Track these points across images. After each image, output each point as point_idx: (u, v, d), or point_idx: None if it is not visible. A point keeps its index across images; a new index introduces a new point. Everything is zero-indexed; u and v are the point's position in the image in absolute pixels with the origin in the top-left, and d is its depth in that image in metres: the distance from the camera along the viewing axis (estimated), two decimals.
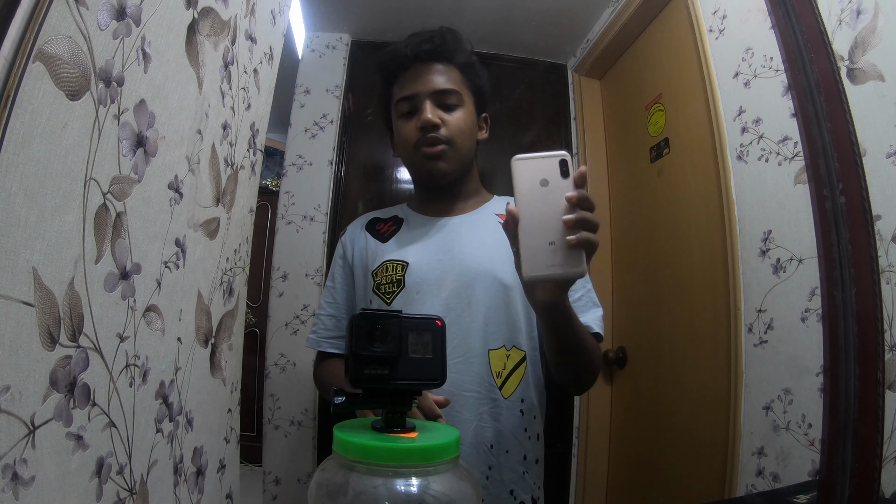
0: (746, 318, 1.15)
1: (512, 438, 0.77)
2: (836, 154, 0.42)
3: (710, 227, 1.30)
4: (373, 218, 0.96)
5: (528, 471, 0.78)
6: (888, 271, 0.76)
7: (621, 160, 1.91)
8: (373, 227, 0.94)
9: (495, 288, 0.79)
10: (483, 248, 0.82)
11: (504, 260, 0.79)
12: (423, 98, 0.83)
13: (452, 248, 0.83)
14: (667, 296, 1.50)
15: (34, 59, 0.37)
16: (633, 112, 1.78)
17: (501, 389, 0.77)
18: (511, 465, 0.76)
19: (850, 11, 0.86)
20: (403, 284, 0.81)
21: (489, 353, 0.78)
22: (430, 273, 0.80)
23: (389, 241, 0.89)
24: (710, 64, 1.31)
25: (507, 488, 0.76)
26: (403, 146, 0.87)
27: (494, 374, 0.77)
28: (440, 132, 0.81)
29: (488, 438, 0.75)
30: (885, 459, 0.72)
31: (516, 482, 0.77)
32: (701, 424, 1.29)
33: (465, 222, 0.88)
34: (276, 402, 1.80)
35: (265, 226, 2.27)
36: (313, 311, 1.86)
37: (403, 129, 0.86)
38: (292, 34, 1.97)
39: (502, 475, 0.76)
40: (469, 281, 0.79)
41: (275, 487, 1.76)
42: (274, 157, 2.80)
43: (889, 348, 0.74)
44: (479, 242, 0.83)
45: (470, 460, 0.73)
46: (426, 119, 0.81)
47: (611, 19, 1.81)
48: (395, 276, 0.82)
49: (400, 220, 0.93)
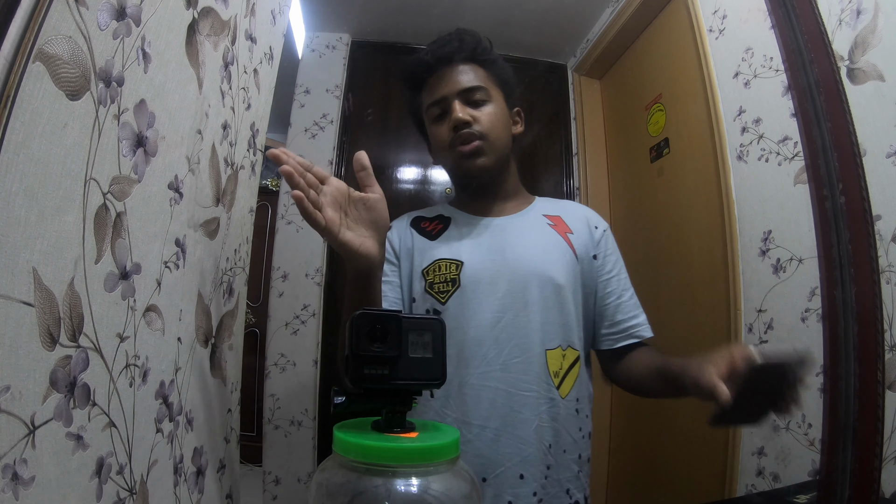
0: (746, 318, 1.15)
1: (568, 438, 0.77)
2: (836, 154, 0.42)
3: (710, 227, 1.30)
4: (417, 216, 0.94)
5: (581, 469, 0.79)
6: (888, 271, 0.76)
7: (621, 160, 1.91)
8: (418, 224, 0.92)
9: (550, 288, 0.79)
10: (535, 249, 0.82)
11: (556, 261, 0.81)
12: (452, 99, 0.83)
13: (504, 248, 0.83)
14: (667, 296, 1.50)
15: (34, 59, 0.37)
16: (633, 112, 1.78)
17: (559, 389, 0.78)
18: (567, 465, 0.77)
19: (850, 11, 0.86)
20: (459, 284, 0.80)
21: (546, 352, 0.78)
22: (485, 273, 0.80)
23: (438, 239, 0.87)
24: (710, 64, 1.31)
25: (564, 487, 0.76)
26: (439, 149, 0.87)
27: (552, 373, 0.77)
28: (473, 128, 0.82)
29: (547, 438, 0.76)
30: (885, 459, 0.72)
31: (571, 481, 0.77)
32: (701, 424, 1.28)
33: (514, 223, 0.87)
34: (276, 402, 1.81)
35: (265, 226, 2.27)
36: (313, 311, 1.86)
37: (437, 132, 0.86)
38: (292, 34, 1.97)
39: (559, 474, 0.76)
40: (524, 281, 0.79)
41: (275, 487, 1.76)
42: None
43: (889, 348, 0.74)
44: (531, 243, 0.83)
45: (531, 460, 0.74)
46: (456, 118, 0.82)
47: (611, 19, 1.81)
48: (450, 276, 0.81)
49: (446, 218, 0.91)
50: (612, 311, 0.84)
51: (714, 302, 1.26)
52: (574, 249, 0.83)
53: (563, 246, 0.83)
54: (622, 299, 0.84)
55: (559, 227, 0.86)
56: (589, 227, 0.87)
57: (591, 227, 0.88)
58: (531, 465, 0.74)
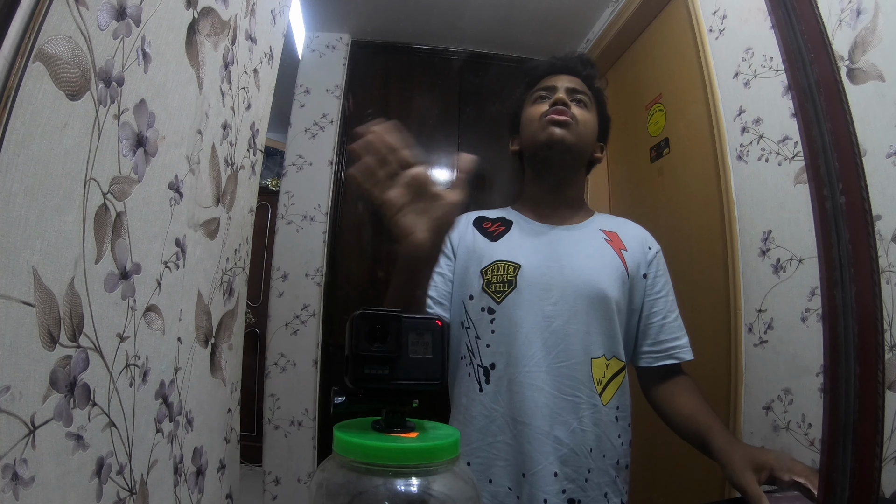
0: (746, 318, 1.15)
1: (608, 443, 0.79)
2: (836, 154, 0.42)
3: (710, 227, 1.30)
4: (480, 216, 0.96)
5: (619, 475, 0.81)
6: (888, 271, 0.76)
7: (621, 160, 1.91)
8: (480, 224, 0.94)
9: (599, 300, 0.82)
10: (590, 261, 0.85)
11: (609, 275, 0.84)
12: (560, 89, 0.89)
13: (561, 257, 0.85)
14: None
15: (34, 59, 0.37)
16: (633, 112, 1.78)
17: (601, 395, 0.80)
18: (606, 470, 0.79)
19: (850, 11, 0.86)
20: (515, 285, 0.83)
21: (591, 360, 0.81)
22: (540, 278, 0.83)
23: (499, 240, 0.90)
24: (710, 64, 1.31)
25: (602, 491, 0.78)
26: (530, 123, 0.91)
27: (595, 381, 0.80)
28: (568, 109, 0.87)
29: (589, 442, 0.78)
30: (885, 459, 0.72)
31: (610, 486, 0.79)
32: None
33: (573, 234, 0.90)
34: (276, 402, 1.81)
35: (265, 226, 2.27)
36: (313, 311, 1.86)
37: (534, 108, 0.90)
38: (292, 34, 1.97)
39: (599, 478, 0.78)
40: (576, 291, 0.82)
41: (275, 487, 1.76)
42: (274, 157, 2.80)
43: (889, 348, 0.74)
44: (586, 255, 0.86)
45: (570, 462, 0.76)
46: (559, 97, 0.87)
47: (611, 19, 1.81)
48: (507, 277, 0.83)
49: (508, 221, 0.94)
50: (656, 330, 0.87)
51: (714, 302, 1.26)
52: (626, 266, 0.86)
53: (616, 262, 0.86)
54: (667, 320, 0.87)
55: (614, 244, 0.89)
56: (643, 246, 0.91)
57: (646, 247, 0.91)
58: (567, 465, 0.76)
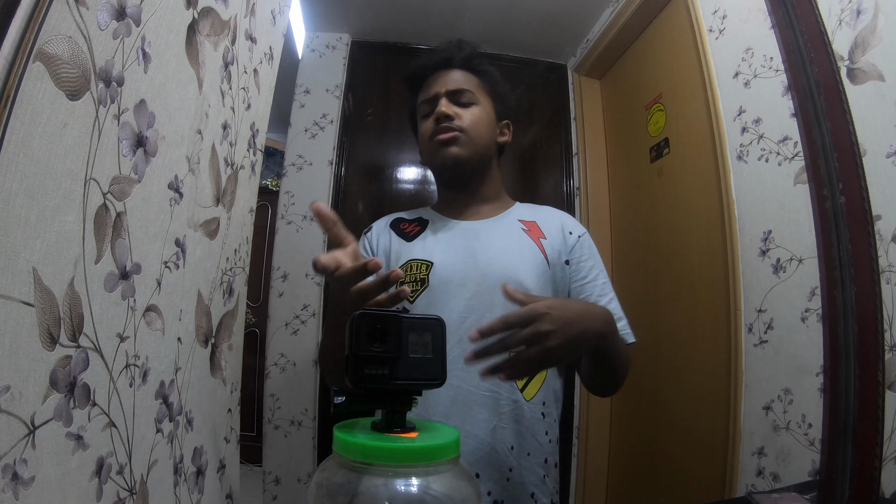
0: (746, 318, 1.15)
1: (533, 441, 0.77)
2: (836, 154, 0.42)
3: (710, 227, 1.30)
4: (397, 217, 0.97)
5: (548, 474, 0.79)
6: (888, 271, 0.76)
7: (621, 160, 1.91)
8: (397, 226, 0.95)
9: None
10: (506, 253, 0.84)
11: (527, 265, 0.82)
12: (440, 97, 0.88)
13: (476, 251, 0.85)
14: (667, 296, 1.50)
15: (34, 59, 0.37)
16: (633, 112, 1.78)
17: (523, 392, 0.78)
18: (532, 468, 0.77)
19: (850, 11, 0.86)
20: (427, 283, 0.82)
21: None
22: (455, 274, 0.82)
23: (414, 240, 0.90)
24: (710, 64, 1.31)
25: (528, 491, 0.76)
26: (423, 143, 0.91)
27: None
28: (453, 122, 0.86)
29: (509, 440, 0.76)
30: (885, 459, 0.72)
31: (537, 485, 0.77)
32: (701, 424, 1.29)
33: (488, 227, 0.89)
34: (276, 402, 1.80)
35: (265, 226, 2.27)
36: (313, 311, 1.86)
37: (424, 127, 0.90)
38: (292, 34, 1.97)
39: (523, 478, 0.76)
40: (492, 284, 0.80)
41: (275, 487, 1.76)
42: (274, 157, 2.80)
43: (889, 348, 0.74)
44: (503, 247, 0.85)
45: (490, 461, 0.74)
46: (440, 111, 0.86)
47: (611, 19, 1.81)
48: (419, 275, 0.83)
49: (425, 221, 0.94)
50: None
51: (714, 302, 1.26)
52: (546, 255, 0.84)
53: (534, 251, 0.84)
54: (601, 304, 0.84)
55: (532, 233, 0.88)
56: (563, 232, 0.88)
57: (566, 232, 0.88)
58: (489, 465, 0.74)
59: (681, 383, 1.41)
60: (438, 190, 0.99)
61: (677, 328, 1.43)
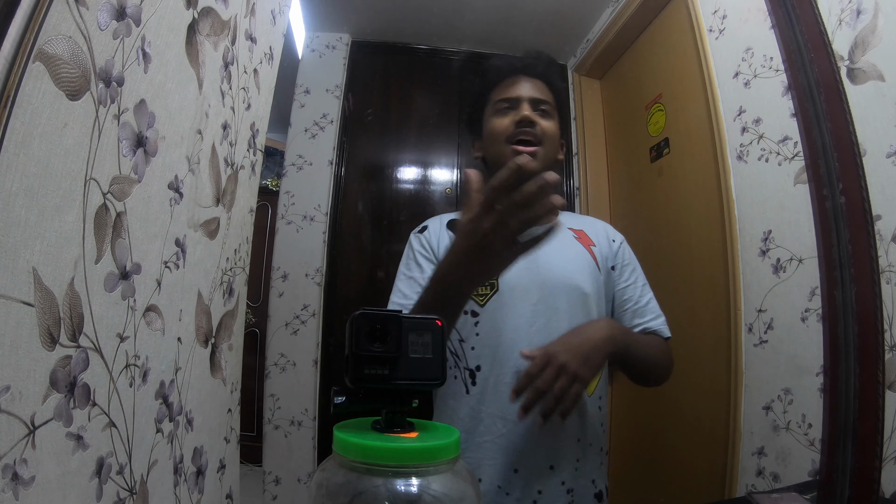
0: (746, 318, 1.15)
1: (594, 432, 0.83)
2: (836, 154, 0.42)
3: (710, 227, 1.30)
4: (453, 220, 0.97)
5: (602, 461, 0.85)
6: (888, 271, 0.76)
7: (621, 160, 1.91)
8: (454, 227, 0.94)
9: (577, 297, 0.84)
10: (563, 260, 0.87)
11: (582, 271, 0.87)
12: (523, 101, 0.89)
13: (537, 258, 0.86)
14: (667, 296, 1.49)
15: (34, 59, 0.37)
16: (633, 112, 1.78)
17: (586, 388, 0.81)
18: (594, 457, 0.83)
19: (850, 11, 0.86)
20: (497, 287, 0.84)
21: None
22: (520, 280, 0.84)
23: None
24: (710, 64, 1.31)
25: (591, 478, 0.82)
26: (494, 139, 0.91)
27: None
28: (535, 129, 0.88)
29: (577, 433, 0.81)
30: (885, 459, 0.72)
31: (596, 472, 0.83)
32: (701, 424, 1.29)
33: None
34: (276, 402, 1.80)
35: (265, 226, 2.27)
36: (313, 311, 1.86)
37: (499, 122, 0.91)
38: (292, 34, 1.97)
39: (587, 466, 0.81)
40: (554, 290, 0.84)
41: (275, 487, 1.76)
42: (274, 157, 2.80)
43: (889, 348, 0.74)
44: (559, 254, 0.88)
45: (561, 452, 0.79)
46: (525, 115, 0.87)
47: (611, 19, 1.81)
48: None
49: None
50: (629, 316, 0.89)
51: (714, 302, 1.26)
52: (597, 261, 0.89)
53: (587, 257, 0.89)
54: (639, 304, 0.90)
55: (583, 240, 0.92)
56: (608, 240, 0.94)
57: (610, 240, 0.94)
58: (561, 457, 0.79)
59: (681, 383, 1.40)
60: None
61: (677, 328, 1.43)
